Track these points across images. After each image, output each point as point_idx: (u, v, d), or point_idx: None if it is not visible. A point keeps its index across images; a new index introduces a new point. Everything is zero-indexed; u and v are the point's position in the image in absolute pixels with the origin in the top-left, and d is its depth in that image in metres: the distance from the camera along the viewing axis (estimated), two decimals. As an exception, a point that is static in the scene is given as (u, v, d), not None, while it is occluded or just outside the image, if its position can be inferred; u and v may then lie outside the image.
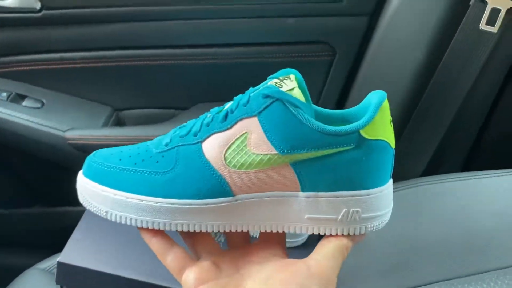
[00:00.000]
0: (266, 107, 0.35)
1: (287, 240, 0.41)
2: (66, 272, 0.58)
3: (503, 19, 0.64)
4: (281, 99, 0.35)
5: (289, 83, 0.36)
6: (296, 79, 0.37)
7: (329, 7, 0.82)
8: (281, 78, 0.37)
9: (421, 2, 0.71)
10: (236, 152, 0.36)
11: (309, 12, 0.83)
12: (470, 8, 0.65)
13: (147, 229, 0.38)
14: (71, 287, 0.59)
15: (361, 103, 0.38)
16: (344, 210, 0.36)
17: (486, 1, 0.64)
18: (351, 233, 0.36)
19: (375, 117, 0.35)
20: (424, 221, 0.62)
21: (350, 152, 0.35)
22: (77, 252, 0.58)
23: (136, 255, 0.59)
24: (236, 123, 0.36)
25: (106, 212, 0.37)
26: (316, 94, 0.89)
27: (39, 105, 0.86)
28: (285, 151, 0.35)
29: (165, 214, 0.36)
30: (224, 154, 0.36)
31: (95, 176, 0.38)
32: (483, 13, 0.64)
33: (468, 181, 0.66)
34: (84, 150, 0.83)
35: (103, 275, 0.56)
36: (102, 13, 0.82)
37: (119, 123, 0.92)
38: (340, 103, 0.89)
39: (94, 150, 0.46)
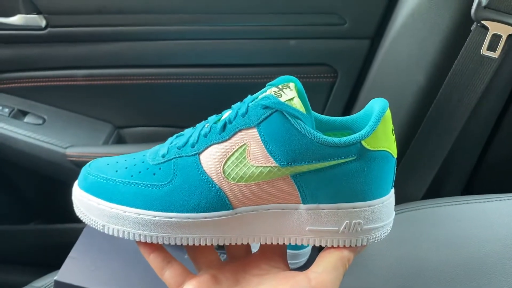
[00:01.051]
0: (265, 118, 0.34)
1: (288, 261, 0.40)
2: None
3: (504, 45, 0.64)
4: (280, 110, 0.34)
5: (288, 92, 0.35)
6: (296, 87, 0.36)
7: (332, 29, 0.82)
8: (280, 86, 0.36)
9: (422, 26, 0.71)
10: (235, 165, 0.35)
11: (312, 34, 0.83)
12: (472, 33, 0.65)
13: (145, 244, 0.37)
14: None
15: (363, 109, 0.37)
16: (345, 222, 0.35)
17: (487, 27, 0.64)
18: (352, 245, 0.35)
19: (377, 127, 0.34)
20: (426, 245, 0.61)
21: (351, 164, 0.34)
22: (74, 270, 0.58)
23: (134, 275, 0.58)
24: (234, 134, 0.35)
25: (103, 225, 0.37)
26: None
27: (40, 121, 0.87)
28: (286, 163, 0.34)
29: (164, 228, 0.36)
30: (223, 167, 0.35)
31: (90, 189, 0.37)
32: (484, 38, 0.64)
33: (469, 205, 0.66)
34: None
35: None
36: (105, 32, 0.83)
37: (120, 140, 0.92)
38: None
39: None
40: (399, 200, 0.72)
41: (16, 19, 0.82)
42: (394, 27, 0.75)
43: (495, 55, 0.64)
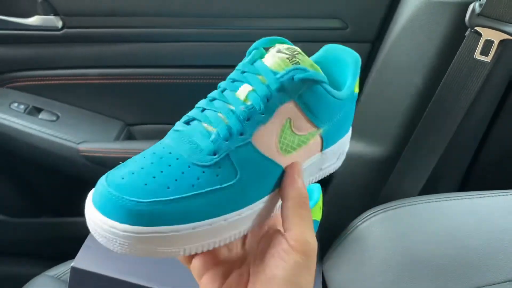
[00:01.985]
0: (304, 90, 0.35)
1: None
2: (79, 277, 0.59)
3: (496, 49, 0.65)
4: (318, 81, 0.35)
5: (302, 58, 0.36)
6: (291, 47, 0.37)
7: (334, 33, 0.84)
8: (287, 52, 0.36)
9: (420, 31, 0.72)
10: (286, 139, 0.36)
11: (315, 38, 0.84)
12: (466, 38, 0.67)
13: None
14: None
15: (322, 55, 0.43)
16: (339, 153, 0.42)
17: (480, 33, 0.65)
18: (338, 165, 0.43)
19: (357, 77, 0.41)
20: (421, 237, 0.63)
21: (349, 108, 0.40)
22: (90, 258, 0.60)
23: (147, 263, 0.60)
24: (277, 110, 0.35)
25: (184, 250, 0.31)
26: None
27: (54, 118, 0.88)
28: (324, 124, 0.38)
29: (234, 229, 0.33)
30: (278, 144, 0.35)
31: (142, 220, 0.30)
32: (478, 43, 0.66)
33: (461, 201, 0.67)
34: (96, 162, 0.84)
35: (114, 281, 0.58)
36: (117, 33, 0.84)
37: (130, 137, 0.94)
38: None
39: (106, 162, 0.45)
40: (395, 196, 0.74)
41: (34, 20, 0.83)
42: (394, 31, 0.76)
43: (487, 59, 0.66)
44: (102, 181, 0.32)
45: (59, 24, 0.83)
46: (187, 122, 0.36)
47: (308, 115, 0.36)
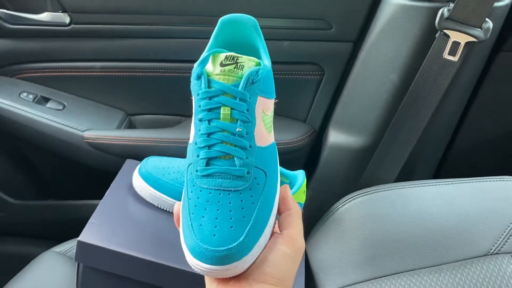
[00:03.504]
0: (261, 83, 0.41)
1: None
2: (85, 251, 0.60)
3: (462, 50, 0.68)
4: (266, 71, 0.41)
5: (242, 60, 0.40)
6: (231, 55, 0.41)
7: (320, 33, 0.85)
8: (230, 62, 0.39)
9: (397, 32, 0.74)
10: (265, 122, 0.42)
11: (303, 37, 0.86)
12: (436, 40, 0.69)
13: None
14: (88, 264, 0.62)
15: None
16: None
17: (449, 35, 0.68)
18: None
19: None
20: (395, 219, 0.65)
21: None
22: (95, 233, 0.61)
23: (148, 239, 0.62)
24: (255, 111, 0.40)
25: None
26: (306, 108, 0.93)
27: (61, 107, 0.90)
28: (273, 93, 0.43)
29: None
30: (265, 128, 0.42)
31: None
32: (446, 44, 0.68)
33: (433, 187, 0.70)
34: (99, 148, 0.86)
35: (118, 254, 0.59)
36: (121, 29, 0.86)
37: (131, 126, 0.95)
38: (327, 116, 0.92)
39: (108, 148, 0.47)
40: (373, 183, 0.78)
41: (43, 16, 0.85)
42: (374, 32, 0.78)
43: (455, 59, 0.69)
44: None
45: (67, 20, 0.85)
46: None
47: (267, 96, 0.42)
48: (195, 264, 0.37)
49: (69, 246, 0.77)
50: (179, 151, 0.78)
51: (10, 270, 0.73)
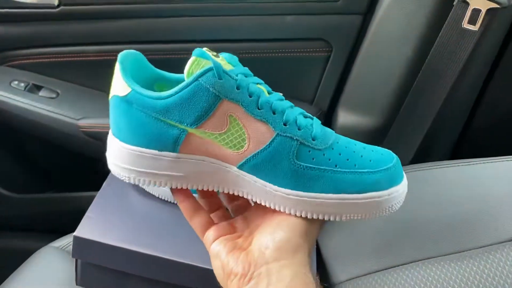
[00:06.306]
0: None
1: None
2: (81, 246, 0.60)
3: (483, 19, 0.66)
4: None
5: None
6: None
7: (326, 6, 0.83)
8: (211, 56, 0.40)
9: (409, 2, 0.73)
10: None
11: (307, 10, 0.84)
12: (454, 8, 0.67)
13: (180, 190, 0.42)
14: (86, 260, 0.61)
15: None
16: None
17: (468, 2, 0.66)
18: None
19: None
20: (411, 204, 0.61)
21: None
22: (91, 228, 0.60)
23: (147, 232, 0.61)
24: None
25: None
26: (313, 87, 0.91)
27: (54, 95, 0.88)
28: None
29: None
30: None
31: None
32: (465, 13, 0.66)
33: (452, 168, 0.69)
34: (95, 137, 0.85)
35: (115, 249, 0.59)
36: (114, 9, 0.84)
37: None
38: (336, 96, 0.91)
39: (105, 137, 0.48)
40: None
41: None
42: (384, 3, 0.76)
43: (475, 28, 0.67)
44: None
45: (55, 1, 0.83)
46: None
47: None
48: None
49: (68, 241, 0.77)
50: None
51: (9, 265, 0.74)
